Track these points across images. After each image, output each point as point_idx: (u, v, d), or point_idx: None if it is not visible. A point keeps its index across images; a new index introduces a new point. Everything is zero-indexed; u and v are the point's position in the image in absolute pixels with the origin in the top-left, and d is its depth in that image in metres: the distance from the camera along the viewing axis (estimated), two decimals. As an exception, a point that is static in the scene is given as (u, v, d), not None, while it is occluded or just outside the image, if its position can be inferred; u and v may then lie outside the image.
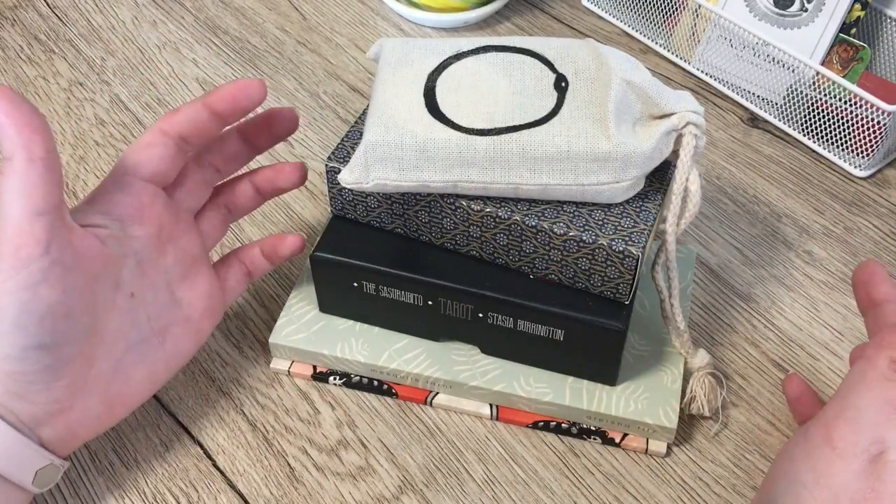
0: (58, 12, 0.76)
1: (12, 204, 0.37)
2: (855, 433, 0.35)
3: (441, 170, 0.42)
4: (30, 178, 0.37)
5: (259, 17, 0.76)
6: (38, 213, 0.37)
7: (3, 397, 0.38)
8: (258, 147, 0.49)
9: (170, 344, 0.44)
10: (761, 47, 0.64)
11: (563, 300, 0.45)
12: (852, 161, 0.63)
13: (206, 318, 0.46)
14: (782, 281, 0.56)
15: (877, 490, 0.34)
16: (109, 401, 0.42)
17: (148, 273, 0.43)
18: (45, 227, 0.37)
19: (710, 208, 0.61)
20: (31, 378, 0.38)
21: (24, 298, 0.37)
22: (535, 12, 0.77)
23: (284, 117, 0.48)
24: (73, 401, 0.40)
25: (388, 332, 0.50)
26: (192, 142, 0.44)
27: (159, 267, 0.44)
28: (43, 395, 0.39)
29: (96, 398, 0.41)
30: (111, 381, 0.42)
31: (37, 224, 0.37)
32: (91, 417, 0.42)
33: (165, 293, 0.44)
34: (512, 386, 0.48)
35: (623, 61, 0.44)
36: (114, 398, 0.42)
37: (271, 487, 0.46)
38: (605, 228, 0.43)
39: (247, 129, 0.48)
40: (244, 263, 0.49)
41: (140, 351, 0.43)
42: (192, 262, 0.46)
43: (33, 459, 0.40)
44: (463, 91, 0.44)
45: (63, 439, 0.41)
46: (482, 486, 0.46)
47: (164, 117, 0.44)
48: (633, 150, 0.41)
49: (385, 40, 0.47)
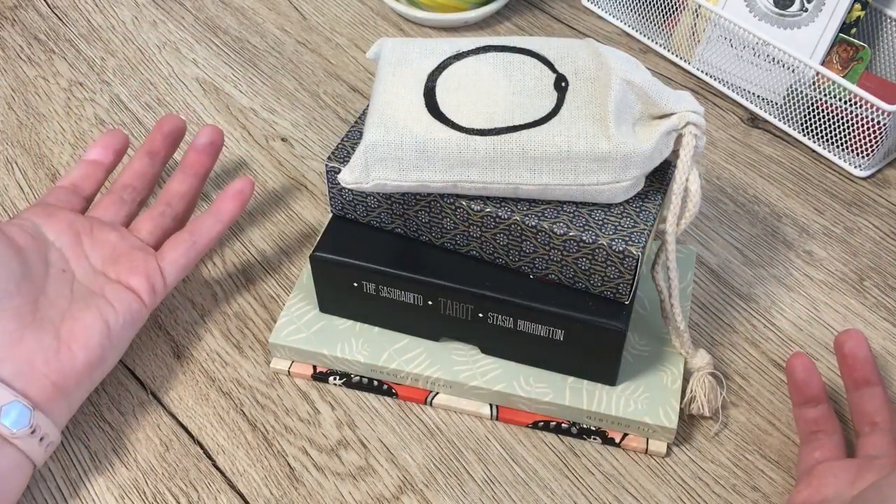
0: (58, 12, 0.76)
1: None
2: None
3: (441, 170, 0.42)
4: None
5: (259, 17, 0.76)
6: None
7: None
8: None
9: (113, 301, 0.47)
10: (761, 47, 0.64)
11: (563, 300, 0.45)
12: (852, 161, 0.63)
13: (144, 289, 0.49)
14: (782, 281, 0.56)
15: None
16: (62, 336, 0.45)
17: (71, 256, 0.49)
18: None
19: (710, 208, 0.61)
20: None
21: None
22: (535, 12, 0.77)
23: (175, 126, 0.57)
24: (22, 333, 0.44)
25: (388, 332, 0.50)
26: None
27: (79, 252, 0.49)
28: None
29: (48, 333, 0.45)
30: (61, 322, 0.46)
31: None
32: (45, 349, 0.44)
33: (90, 268, 0.49)
34: (512, 386, 0.48)
35: (623, 61, 0.44)
36: (66, 334, 0.45)
37: (271, 487, 0.46)
38: (605, 228, 0.43)
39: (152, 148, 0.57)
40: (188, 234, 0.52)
41: (83, 300, 0.47)
42: (114, 248, 0.50)
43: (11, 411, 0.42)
44: (463, 91, 0.44)
45: (22, 373, 0.43)
46: (482, 486, 0.46)
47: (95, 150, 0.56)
48: (633, 150, 0.41)
49: (385, 40, 0.47)
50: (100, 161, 0.55)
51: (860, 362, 0.46)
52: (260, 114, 0.67)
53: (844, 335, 0.46)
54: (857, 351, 0.46)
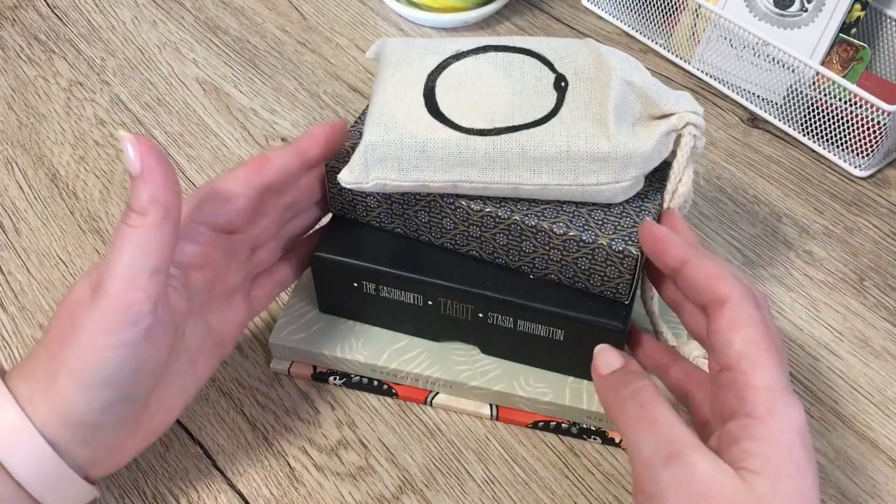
0: (58, 12, 0.76)
1: (134, 257, 0.36)
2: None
3: (441, 170, 0.42)
4: (160, 237, 0.36)
5: (259, 17, 0.76)
6: (157, 271, 0.37)
7: (70, 444, 0.38)
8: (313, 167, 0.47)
9: (199, 368, 0.43)
10: (761, 47, 0.64)
11: (563, 300, 0.45)
12: (852, 161, 0.63)
13: (232, 340, 0.45)
14: (782, 281, 0.56)
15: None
16: (152, 432, 0.42)
17: (194, 312, 0.42)
18: (158, 286, 0.37)
19: (710, 208, 0.61)
20: (104, 428, 0.38)
21: (124, 355, 0.36)
22: (535, 12, 0.77)
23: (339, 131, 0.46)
24: (127, 439, 0.40)
25: (388, 332, 0.50)
26: (277, 190, 0.44)
27: (204, 305, 0.43)
28: (108, 441, 0.39)
29: (142, 433, 0.41)
30: (156, 414, 0.41)
31: (152, 282, 0.36)
32: (134, 450, 0.42)
33: (204, 326, 0.43)
34: (512, 386, 0.48)
35: (623, 61, 0.44)
36: (156, 427, 0.42)
37: (271, 487, 0.46)
38: (604, 228, 0.43)
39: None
40: (274, 278, 0.48)
41: (178, 381, 0.42)
42: (232, 294, 0.45)
43: (81, 497, 0.40)
44: (463, 91, 0.44)
45: (106, 471, 0.41)
46: (482, 486, 0.46)
47: (253, 166, 0.43)
48: (633, 151, 0.41)
49: (385, 40, 0.48)
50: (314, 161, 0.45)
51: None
52: (260, 114, 0.67)
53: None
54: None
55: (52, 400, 0.37)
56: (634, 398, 0.37)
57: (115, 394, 0.37)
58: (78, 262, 0.57)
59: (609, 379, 0.39)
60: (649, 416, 0.35)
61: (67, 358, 0.36)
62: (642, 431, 0.35)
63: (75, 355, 0.36)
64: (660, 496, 0.33)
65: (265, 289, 0.47)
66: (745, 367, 0.35)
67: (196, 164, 0.63)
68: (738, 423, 0.34)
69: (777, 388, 0.34)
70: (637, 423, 0.36)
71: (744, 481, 0.33)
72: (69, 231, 0.58)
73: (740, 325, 0.36)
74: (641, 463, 0.35)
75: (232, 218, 0.43)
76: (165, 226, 0.37)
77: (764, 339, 0.35)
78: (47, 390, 0.37)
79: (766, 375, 0.35)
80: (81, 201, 0.60)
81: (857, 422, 0.49)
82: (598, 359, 0.40)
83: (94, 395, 0.37)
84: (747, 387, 0.35)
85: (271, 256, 0.47)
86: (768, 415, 0.34)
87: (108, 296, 0.36)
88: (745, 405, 0.34)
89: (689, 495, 0.33)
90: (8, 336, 0.53)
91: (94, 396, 0.37)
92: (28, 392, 0.37)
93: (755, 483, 0.33)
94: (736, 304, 0.37)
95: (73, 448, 0.38)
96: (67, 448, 0.38)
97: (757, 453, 0.33)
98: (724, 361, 0.36)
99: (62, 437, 0.38)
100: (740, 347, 0.35)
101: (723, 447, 0.35)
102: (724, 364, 0.36)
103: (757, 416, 0.34)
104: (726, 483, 0.33)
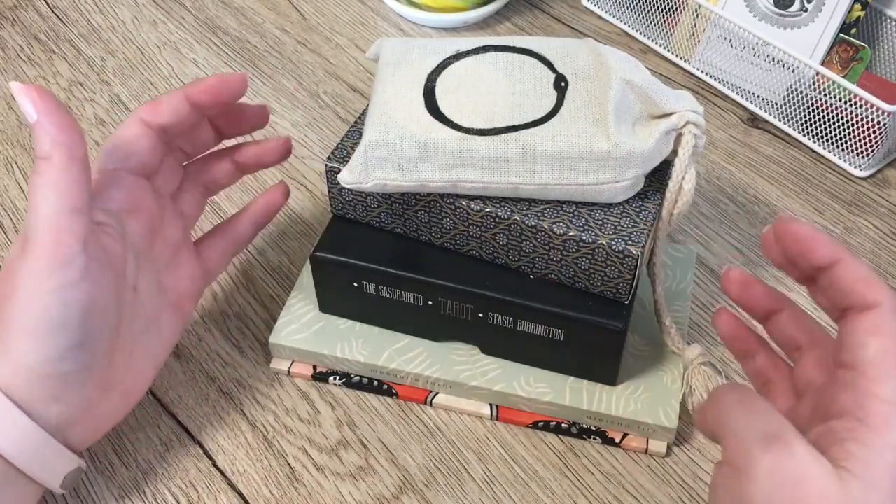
0: (58, 12, 0.76)
1: (49, 200, 0.37)
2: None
3: (441, 170, 0.42)
4: (70, 176, 0.37)
5: (259, 17, 0.76)
6: (76, 210, 0.37)
7: (40, 402, 0.38)
8: (226, 136, 0.50)
9: (164, 330, 0.44)
10: (761, 47, 0.64)
11: (562, 300, 0.45)
12: (852, 161, 0.63)
13: (189, 299, 0.46)
14: (782, 281, 0.56)
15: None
16: (126, 393, 0.42)
17: (142, 266, 0.43)
18: (83, 224, 0.38)
19: (710, 208, 0.61)
20: (69, 379, 0.38)
21: (67, 297, 0.37)
22: (535, 12, 0.77)
23: (256, 113, 0.49)
24: (100, 398, 0.41)
25: (388, 332, 0.50)
26: (172, 132, 0.45)
27: (150, 258, 0.44)
28: (77, 396, 0.39)
29: (117, 393, 0.42)
30: (126, 375, 0.42)
31: (75, 221, 0.37)
32: (111, 412, 0.42)
33: (155, 282, 0.44)
34: (512, 386, 0.48)
35: (622, 61, 0.44)
36: (129, 390, 0.42)
37: (271, 487, 0.46)
38: (604, 228, 0.43)
39: (217, 119, 0.48)
40: (226, 236, 0.49)
41: (144, 342, 0.43)
42: (176, 248, 0.46)
43: (63, 463, 0.40)
44: (463, 91, 0.44)
45: (86, 438, 0.41)
46: (482, 486, 0.46)
47: (147, 108, 0.44)
48: (633, 150, 0.41)
49: (384, 40, 0.48)
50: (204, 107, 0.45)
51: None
52: (260, 114, 0.67)
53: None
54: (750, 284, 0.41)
55: (9, 359, 0.37)
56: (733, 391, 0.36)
57: (68, 338, 0.38)
58: (78, 262, 0.57)
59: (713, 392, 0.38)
60: (750, 401, 0.35)
61: (13, 313, 0.37)
62: (743, 414, 0.35)
63: (19, 308, 0.37)
64: (753, 473, 0.33)
65: (217, 249, 0.48)
66: (872, 375, 0.35)
67: (196, 164, 0.63)
68: (846, 424, 0.34)
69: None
70: (737, 407, 0.35)
71: (839, 478, 0.33)
72: (69, 231, 0.58)
73: (882, 333, 0.35)
74: (737, 439, 0.34)
75: (143, 159, 0.44)
76: (73, 165, 0.37)
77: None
78: (2, 350, 0.37)
79: (891, 390, 0.34)
80: (81, 201, 0.60)
81: (857, 422, 0.49)
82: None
83: (47, 343, 0.37)
84: (868, 394, 0.34)
85: (196, 206, 0.48)
86: (883, 426, 0.33)
87: (35, 244, 0.37)
88: (860, 410, 0.34)
89: (785, 478, 0.33)
90: (8, 336, 0.53)
91: (48, 344, 0.37)
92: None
93: (850, 483, 0.32)
94: (884, 312, 0.36)
95: (42, 407, 0.38)
96: (36, 406, 0.38)
97: (860, 457, 0.33)
98: (852, 361, 0.36)
99: (28, 394, 0.38)
100: (875, 354, 0.35)
101: (823, 443, 0.34)
102: (850, 364, 0.35)
103: (869, 424, 0.33)
104: (823, 474, 0.33)
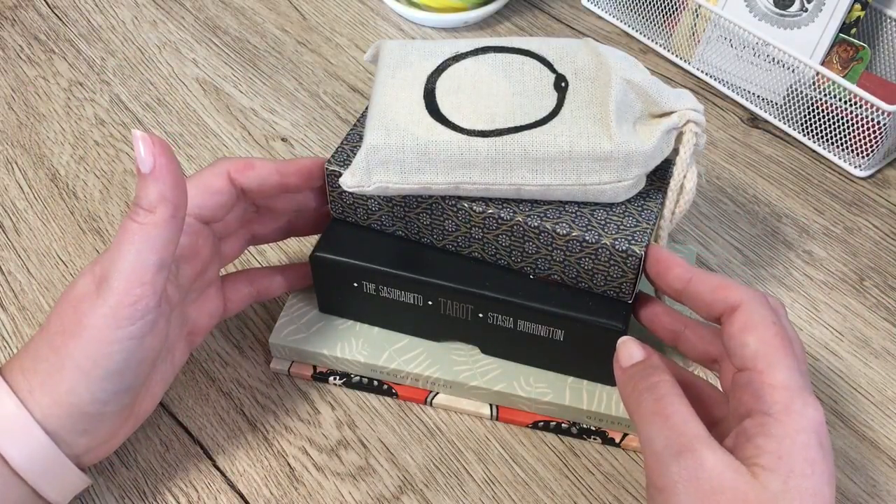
0: (58, 12, 0.75)
1: (141, 253, 0.37)
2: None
3: (443, 172, 0.42)
4: (167, 234, 0.37)
5: (259, 17, 0.76)
6: (163, 266, 0.38)
7: (70, 434, 0.39)
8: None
9: (177, 357, 0.44)
10: (761, 47, 0.64)
11: (563, 300, 0.45)
12: (852, 161, 0.63)
13: (204, 332, 0.47)
14: (782, 281, 0.56)
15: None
16: (138, 414, 0.43)
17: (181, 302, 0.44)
18: (164, 280, 0.38)
19: (710, 208, 0.61)
20: (105, 417, 0.39)
21: (131, 348, 0.38)
22: (535, 12, 0.77)
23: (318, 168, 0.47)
24: (121, 427, 0.41)
25: (388, 332, 0.50)
26: (252, 198, 0.46)
27: (185, 295, 0.44)
28: (106, 430, 0.40)
29: (132, 420, 0.42)
30: (143, 403, 0.42)
31: (158, 277, 0.38)
32: (125, 435, 0.43)
33: (183, 315, 0.44)
34: (512, 386, 0.48)
35: (622, 60, 0.44)
36: (141, 412, 0.43)
37: (271, 487, 0.46)
38: (607, 228, 0.43)
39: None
40: (254, 286, 0.49)
41: (161, 370, 0.43)
42: (208, 285, 0.46)
43: (76, 485, 0.41)
44: (463, 92, 0.44)
45: (97, 458, 0.42)
46: (482, 486, 0.46)
47: (238, 165, 0.44)
48: (635, 149, 0.41)
49: (383, 42, 0.47)
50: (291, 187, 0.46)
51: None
52: (260, 114, 0.67)
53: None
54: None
55: (56, 393, 0.38)
56: (651, 391, 0.37)
57: (120, 385, 0.38)
58: (78, 262, 0.57)
59: (629, 371, 0.39)
60: (664, 409, 0.35)
61: (73, 352, 0.37)
62: (656, 425, 0.35)
63: (82, 349, 0.37)
64: (670, 489, 0.33)
65: (241, 293, 0.48)
66: (762, 367, 0.35)
67: (196, 163, 0.63)
68: (754, 420, 0.34)
69: (794, 387, 0.34)
70: (651, 417, 0.36)
71: (755, 477, 0.33)
72: (69, 231, 0.58)
73: (754, 326, 0.36)
74: (654, 456, 0.35)
75: (215, 213, 0.44)
76: (172, 224, 0.38)
77: (779, 339, 0.35)
78: (49, 383, 0.38)
79: (783, 374, 0.35)
80: (81, 201, 0.60)
81: (857, 422, 0.49)
82: (621, 350, 0.40)
83: (99, 387, 0.38)
84: (764, 385, 0.35)
85: (238, 251, 0.48)
86: (784, 413, 0.34)
87: (114, 291, 0.37)
88: (761, 403, 0.34)
89: (699, 489, 0.33)
90: (8, 336, 0.53)
91: (100, 388, 0.38)
92: (28, 386, 0.38)
93: (766, 480, 0.33)
94: (748, 307, 0.37)
95: (71, 437, 0.39)
96: (66, 437, 0.39)
97: (770, 450, 0.33)
98: (741, 363, 0.36)
99: (62, 427, 0.38)
100: (755, 347, 0.35)
101: (738, 445, 0.34)
102: (741, 365, 0.36)
103: (773, 414, 0.34)
104: (736, 478, 0.33)
